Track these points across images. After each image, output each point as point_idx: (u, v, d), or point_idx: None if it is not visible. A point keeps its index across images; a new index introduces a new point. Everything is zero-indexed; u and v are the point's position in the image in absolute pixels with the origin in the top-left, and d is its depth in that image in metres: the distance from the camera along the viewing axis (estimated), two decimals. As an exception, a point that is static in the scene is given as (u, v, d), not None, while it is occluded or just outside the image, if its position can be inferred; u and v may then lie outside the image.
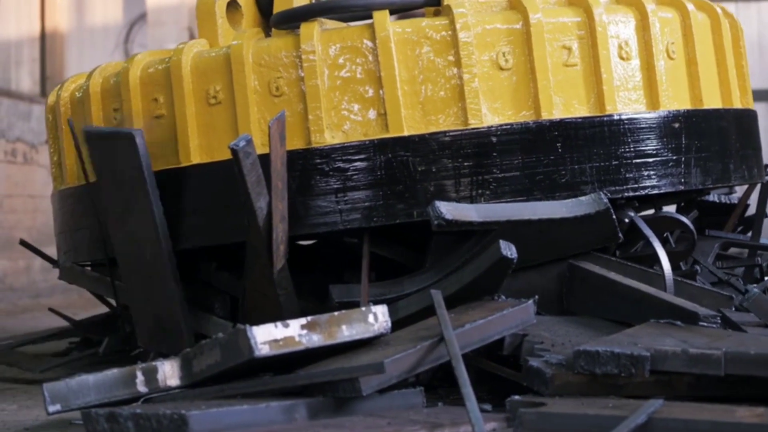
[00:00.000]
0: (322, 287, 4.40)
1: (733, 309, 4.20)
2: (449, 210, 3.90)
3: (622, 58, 4.23)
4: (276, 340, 3.14)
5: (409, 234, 4.27)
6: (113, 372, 3.16)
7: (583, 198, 4.07)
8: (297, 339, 3.19)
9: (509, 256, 3.70)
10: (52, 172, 4.93)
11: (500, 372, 3.54)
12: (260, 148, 3.99)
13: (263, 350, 3.09)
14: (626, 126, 4.16)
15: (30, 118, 8.64)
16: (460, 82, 4.05)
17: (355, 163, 4.03)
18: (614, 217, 4.03)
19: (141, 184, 4.12)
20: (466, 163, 4.02)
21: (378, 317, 3.41)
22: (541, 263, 4.14)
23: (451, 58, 4.06)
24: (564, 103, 4.12)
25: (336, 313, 3.32)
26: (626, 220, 4.16)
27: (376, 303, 4.09)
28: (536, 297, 3.71)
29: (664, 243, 4.42)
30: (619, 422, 2.80)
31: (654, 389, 3.20)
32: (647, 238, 4.24)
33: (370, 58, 4.05)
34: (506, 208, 3.99)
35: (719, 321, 3.73)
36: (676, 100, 4.33)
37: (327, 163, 4.04)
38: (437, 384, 3.64)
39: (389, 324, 3.44)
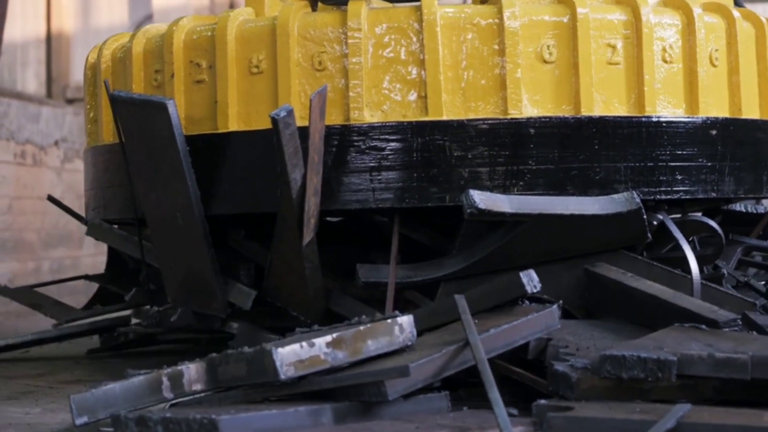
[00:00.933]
0: (346, 265, 4.43)
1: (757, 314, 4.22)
2: (482, 199, 3.91)
3: (665, 60, 4.24)
4: (301, 360, 3.09)
5: (438, 218, 4.28)
6: (139, 379, 3.11)
7: (615, 196, 4.07)
8: (322, 358, 3.14)
9: (532, 291, 3.62)
10: (87, 128, 4.95)
11: (523, 377, 3.52)
12: (298, 121, 4.00)
13: (288, 372, 3.06)
14: (664, 129, 4.17)
15: (39, 120, 8.64)
16: (503, 72, 4.06)
17: (392, 144, 4.05)
18: (645, 217, 4.04)
19: (174, 152, 4.13)
20: (502, 153, 4.03)
21: (404, 328, 3.36)
22: (568, 257, 4.16)
23: (495, 46, 4.07)
24: (604, 101, 4.13)
25: (361, 328, 3.26)
26: (655, 222, 4.16)
27: (403, 286, 4.12)
28: (560, 302, 3.67)
29: (691, 247, 4.42)
30: (649, 426, 2.80)
31: (679, 393, 3.20)
32: (675, 241, 4.25)
33: (415, 40, 4.06)
34: (539, 201, 4.00)
35: (740, 324, 3.74)
36: (715, 107, 4.33)
37: (364, 141, 4.05)
38: (458, 386, 3.62)
39: (415, 335, 3.41)
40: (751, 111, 4.47)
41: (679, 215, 4.44)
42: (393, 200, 4.05)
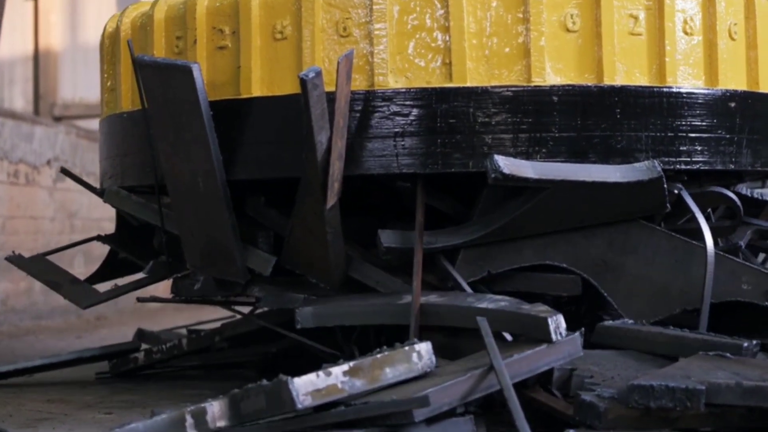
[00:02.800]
0: (364, 236, 4.45)
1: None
2: (507, 164, 3.93)
3: (685, 32, 4.27)
4: (318, 390, 3.09)
5: (459, 186, 4.31)
6: (163, 418, 3.06)
7: (636, 165, 4.10)
8: (340, 387, 3.14)
9: (557, 339, 3.54)
10: (104, 98, 4.95)
11: (550, 404, 3.52)
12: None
13: (305, 402, 3.05)
14: (684, 99, 4.20)
15: (32, 139, 8.62)
16: (527, 40, 4.09)
17: (416, 110, 4.07)
18: (665, 186, 4.07)
19: (197, 117, 4.14)
20: (525, 120, 4.06)
21: (422, 355, 3.36)
22: (587, 226, 4.19)
23: (520, 15, 4.10)
24: (626, 70, 4.16)
25: (379, 356, 3.26)
26: (676, 191, 4.20)
27: (424, 252, 4.12)
28: (582, 329, 3.66)
29: (707, 219, 4.45)
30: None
31: (707, 421, 3.23)
32: (692, 212, 4.29)
33: (440, 6, 4.09)
34: (562, 168, 4.03)
35: (758, 349, 3.76)
36: (733, 80, 4.37)
37: (388, 107, 4.07)
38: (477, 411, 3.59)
39: (434, 361, 3.41)
40: (767, 85, 4.51)
41: (697, 188, 4.47)
42: (416, 166, 4.07)
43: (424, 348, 3.39)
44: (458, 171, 4.06)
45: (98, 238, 5.09)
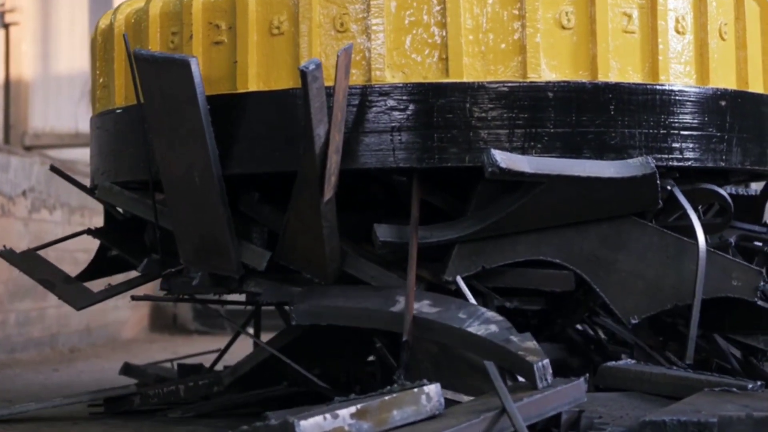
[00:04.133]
0: (357, 232, 4.47)
1: (763, 284, 4.31)
2: (504, 159, 3.97)
3: (677, 31, 4.33)
4: None
5: (454, 182, 4.34)
6: None
7: (630, 161, 4.15)
8: (347, 429, 3.10)
9: (543, 386, 3.57)
10: (95, 95, 4.96)
11: None
12: (320, 81, 4.04)
13: None
14: (676, 97, 4.26)
15: (8, 169, 8.55)
16: (523, 36, 4.13)
17: (413, 104, 4.10)
18: (658, 182, 4.12)
19: (194, 111, 4.16)
20: (521, 115, 4.10)
21: (431, 397, 3.34)
22: (580, 222, 4.23)
23: (515, 11, 4.14)
24: (620, 68, 4.22)
25: (387, 398, 3.23)
26: (669, 187, 4.25)
27: (419, 247, 4.16)
28: (587, 375, 3.70)
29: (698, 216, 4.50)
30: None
31: None
32: (682, 210, 4.34)
33: (437, 2, 4.13)
34: (557, 163, 4.07)
35: (764, 388, 3.81)
36: (723, 79, 4.43)
37: (385, 102, 4.11)
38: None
39: (443, 403, 3.39)
40: (756, 85, 4.57)
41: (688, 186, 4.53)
42: (413, 160, 4.11)
43: (434, 389, 3.37)
44: (454, 165, 4.10)
45: (89, 231, 5.07)
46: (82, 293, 4.96)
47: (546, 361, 3.60)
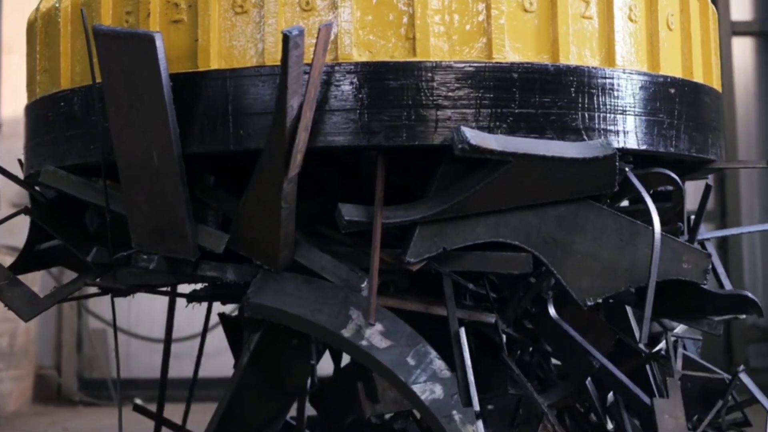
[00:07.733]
0: (310, 222, 4.44)
1: (710, 267, 4.43)
2: (473, 136, 4.00)
3: (630, 20, 4.44)
4: None
5: (418, 162, 4.35)
6: None
7: (591, 142, 4.22)
8: None
9: None
10: (35, 81, 4.82)
11: None
12: (283, 61, 4.01)
13: None
14: (632, 83, 4.35)
15: None
16: (487, 18, 4.18)
17: (380, 83, 4.10)
18: (617, 164, 4.19)
19: (157, 88, 4.08)
20: (487, 95, 4.13)
21: None
22: (539, 204, 4.28)
23: (480, -6, 4.19)
24: (578, 52, 4.30)
25: None
26: (627, 169, 4.33)
27: (386, 227, 4.15)
28: None
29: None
30: None
31: None
32: (634, 193, 4.43)
33: (404, -17, 4.14)
34: (523, 142, 4.12)
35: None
36: (671, 68, 4.55)
37: (352, 81, 4.09)
38: None
39: None
40: (698, 75, 4.71)
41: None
42: (380, 138, 4.10)
43: None
44: (422, 144, 4.10)
45: (25, 210, 4.87)
46: (29, 300, 4.68)
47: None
